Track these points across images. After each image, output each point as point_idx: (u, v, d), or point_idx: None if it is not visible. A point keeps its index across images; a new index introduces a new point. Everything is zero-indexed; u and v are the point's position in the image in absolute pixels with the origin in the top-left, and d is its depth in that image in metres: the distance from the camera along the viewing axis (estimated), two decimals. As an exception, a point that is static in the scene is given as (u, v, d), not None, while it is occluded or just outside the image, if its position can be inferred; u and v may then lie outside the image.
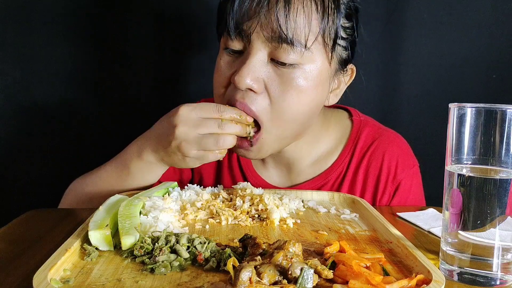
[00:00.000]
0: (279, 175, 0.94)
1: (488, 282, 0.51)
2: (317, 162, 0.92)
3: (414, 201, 0.91)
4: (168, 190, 0.80)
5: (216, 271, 0.52)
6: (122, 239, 0.56)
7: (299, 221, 0.72)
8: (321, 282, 0.49)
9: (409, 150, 0.93)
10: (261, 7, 0.72)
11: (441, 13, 1.19)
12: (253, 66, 0.74)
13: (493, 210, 0.50)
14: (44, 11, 1.15)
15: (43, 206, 0.83)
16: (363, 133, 0.92)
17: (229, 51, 0.78)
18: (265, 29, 0.73)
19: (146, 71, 1.22)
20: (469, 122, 0.51)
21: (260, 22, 0.73)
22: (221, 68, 0.79)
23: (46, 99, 1.19)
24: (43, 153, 1.20)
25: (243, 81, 0.73)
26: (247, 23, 0.73)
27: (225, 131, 0.74)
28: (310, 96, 0.77)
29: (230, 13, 0.74)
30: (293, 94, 0.75)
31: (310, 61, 0.75)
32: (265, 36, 0.73)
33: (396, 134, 0.95)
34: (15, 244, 0.63)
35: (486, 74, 1.21)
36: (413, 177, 0.91)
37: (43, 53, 1.16)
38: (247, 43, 0.75)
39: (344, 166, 0.91)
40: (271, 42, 0.73)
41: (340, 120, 0.96)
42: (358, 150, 0.91)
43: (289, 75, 0.75)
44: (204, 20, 1.19)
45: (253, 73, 0.74)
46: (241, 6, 0.73)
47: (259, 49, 0.74)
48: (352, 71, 0.85)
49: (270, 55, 0.75)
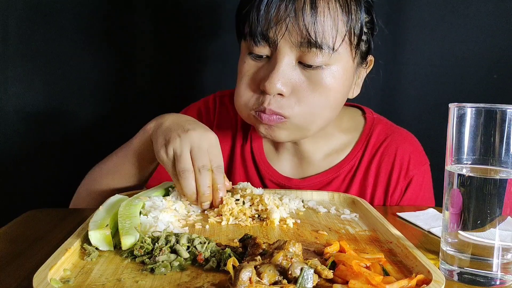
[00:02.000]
0: (292, 166, 0.95)
1: (488, 282, 0.51)
2: (330, 155, 0.93)
3: (424, 198, 0.91)
4: (169, 190, 0.80)
5: (216, 271, 0.52)
6: (122, 239, 0.56)
7: (299, 221, 0.72)
8: (321, 282, 0.48)
9: (421, 148, 0.95)
10: (288, 13, 0.73)
11: (441, 13, 1.19)
12: (282, 71, 0.75)
13: (493, 210, 0.50)
14: (46, 9, 1.15)
15: (43, 206, 0.83)
16: (376, 130, 0.93)
17: (254, 56, 0.79)
18: (292, 35, 0.74)
19: (147, 70, 1.22)
20: (469, 122, 0.51)
21: (287, 28, 0.73)
22: (246, 73, 0.80)
23: (47, 99, 1.19)
24: (43, 153, 1.20)
25: (274, 87, 0.75)
26: (274, 29, 0.74)
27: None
28: (337, 93, 0.79)
29: (256, 20, 0.74)
30: (322, 93, 0.77)
31: (336, 61, 0.77)
32: (293, 42, 0.74)
33: (408, 132, 0.96)
34: (15, 244, 0.63)
35: (486, 74, 1.21)
36: (425, 174, 0.92)
37: (44, 52, 1.16)
38: (273, 48, 0.76)
39: (356, 161, 0.92)
40: (300, 47, 0.74)
41: (354, 116, 0.97)
42: (371, 146, 0.92)
43: (317, 76, 0.77)
44: (206, 16, 1.19)
45: (283, 78, 0.75)
46: (267, 13, 0.74)
47: (287, 54, 0.75)
48: (371, 61, 0.88)
49: (297, 59, 0.76)
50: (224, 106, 1.00)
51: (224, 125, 0.99)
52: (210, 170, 0.71)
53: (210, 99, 1.02)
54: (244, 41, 0.80)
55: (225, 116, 0.99)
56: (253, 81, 0.79)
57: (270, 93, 0.76)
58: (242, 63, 0.81)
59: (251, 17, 0.75)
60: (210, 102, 1.01)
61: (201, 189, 0.70)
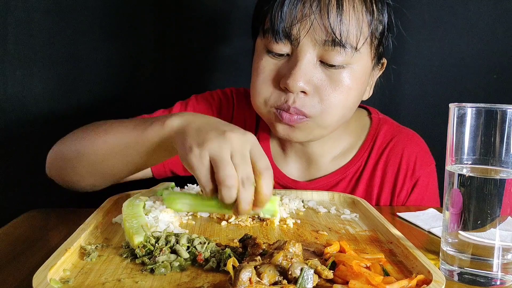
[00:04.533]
0: (298, 168, 0.95)
1: (488, 282, 0.51)
2: (337, 158, 0.93)
3: (430, 198, 0.91)
4: (169, 189, 0.80)
5: (216, 271, 0.52)
6: (133, 238, 0.56)
7: (299, 221, 0.72)
8: (321, 283, 0.48)
9: (427, 148, 0.94)
10: (313, 10, 0.72)
11: (441, 13, 1.19)
12: (304, 68, 0.75)
13: (493, 210, 0.50)
14: (46, 10, 1.15)
15: (43, 206, 0.83)
16: (381, 130, 0.93)
17: (273, 54, 0.78)
18: (317, 32, 0.73)
19: (151, 71, 1.22)
20: (469, 122, 0.51)
21: (312, 26, 0.73)
22: (263, 71, 0.79)
23: (47, 99, 1.18)
24: (43, 153, 1.20)
25: (296, 85, 0.74)
26: (297, 26, 0.73)
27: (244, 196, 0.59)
28: (357, 92, 0.80)
29: (279, 17, 0.73)
30: (343, 92, 0.77)
31: (358, 61, 0.77)
32: (317, 39, 0.74)
33: (414, 132, 0.96)
34: (15, 244, 0.63)
35: (486, 74, 1.21)
36: (431, 175, 0.92)
37: (43, 51, 1.16)
38: (295, 46, 0.75)
39: (363, 162, 0.92)
40: (323, 45, 0.74)
41: (360, 117, 0.97)
42: (377, 147, 0.92)
43: (339, 75, 0.76)
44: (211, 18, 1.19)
45: (305, 75, 0.75)
46: (290, 10, 0.73)
47: (309, 52, 0.75)
48: (384, 63, 0.88)
49: (319, 57, 0.76)
50: (241, 104, 0.98)
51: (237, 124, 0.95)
52: (253, 185, 0.59)
53: (228, 93, 0.99)
54: (263, 38, 0.79)
55: (239, 115, 0.98)
56: (272, 78, 0.78)
57: (293, 91, 0.75)
58: (259, 60, 0.80)
59: (273, 13, 0.74)
60: (230, 97, 0.99)
61: (242, 206, 0.58)
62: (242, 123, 0.97)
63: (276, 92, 0.78)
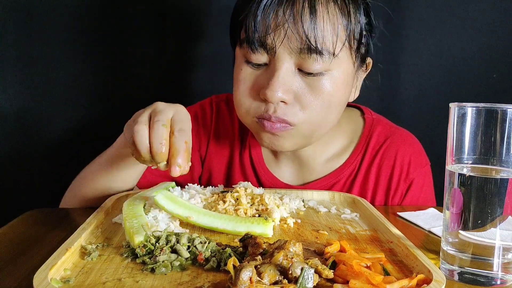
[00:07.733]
0: (291, 172, 0.94)
1: (488, 281, 0.51)
2: (330, 160, 0.92)
3: (425, 200, 0.91)
4: (169, 190, 0.80)
5: (216, 271, 0.52)
6: (134, 238, 0.56)
7: (299, 221, 0.72)
8: (322, 282, 0.49)
9: (421, 149, 0.93)
10: (286, 18, 0.71)
11: (441, 13, 1.19)
12: (282, 78, 0.73)
13: (493, 209, 0.50)
14: (44, 11, 1.15)
15: (43, 206, 0.83)
16: (375, 132, 0.92)
17: (252, 64, 0.77)
18: (292, 41, 0.71)
19: (147, 71, 1.22)
20: (469, 122, 0.51)
21: (286, 34, 0.71)
22: (243, 81, 0.77)
23: (47, 99, 1.19)
24: (43, 153, 1.20)
25: (275, 96, 0.72)
26: (272, 36, 0.72)
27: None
28: (339, 97, 0.78)
29: (253, 27, 0.72)
30: (324, 99, 0.75)
31: (337, 66, 0.75)
32: (292, 48, 0.72)
33: (408, 133, 0.95)
34: (15, 244, 0.63)
35: (486, 74, 1.21)
36: (425, 176, 0.91)
37: (43, 54, 1.16)
38: (272, 55, 0.74)
39: (356, 165, 0.91)
40: (299, 53, 0.72)
41: (353, 118, 0.96)
42: (371, 149, 0.91)
43: (318, 82, 0.74)
44: (199, 18, 1.19)
45: (283, 85, 0.73)
46: (264, 19, 0.71)
47: (286, 61, 0.73)
48: (369, 64, 0.86)
49: (297, 65, 0.74)
50: (221, 112, 0.98)
51: (222, 131, 0.96)
52: (165, 126, 0.62)
53: (206, 104, 0.99)
54: (240, 48, 0.78)
55: (222, 122, 0.97)
56: (252, 88, 0.77)
57: (272, 101, 0.74)
58: (239, 70, 0.78)
59: (247, 23, 0.73)
60: (207, 106, 0.98)
61: (154, 146, 0.60)
62: (227, 132, 0.96)
63: (256, 102, 0.77)
